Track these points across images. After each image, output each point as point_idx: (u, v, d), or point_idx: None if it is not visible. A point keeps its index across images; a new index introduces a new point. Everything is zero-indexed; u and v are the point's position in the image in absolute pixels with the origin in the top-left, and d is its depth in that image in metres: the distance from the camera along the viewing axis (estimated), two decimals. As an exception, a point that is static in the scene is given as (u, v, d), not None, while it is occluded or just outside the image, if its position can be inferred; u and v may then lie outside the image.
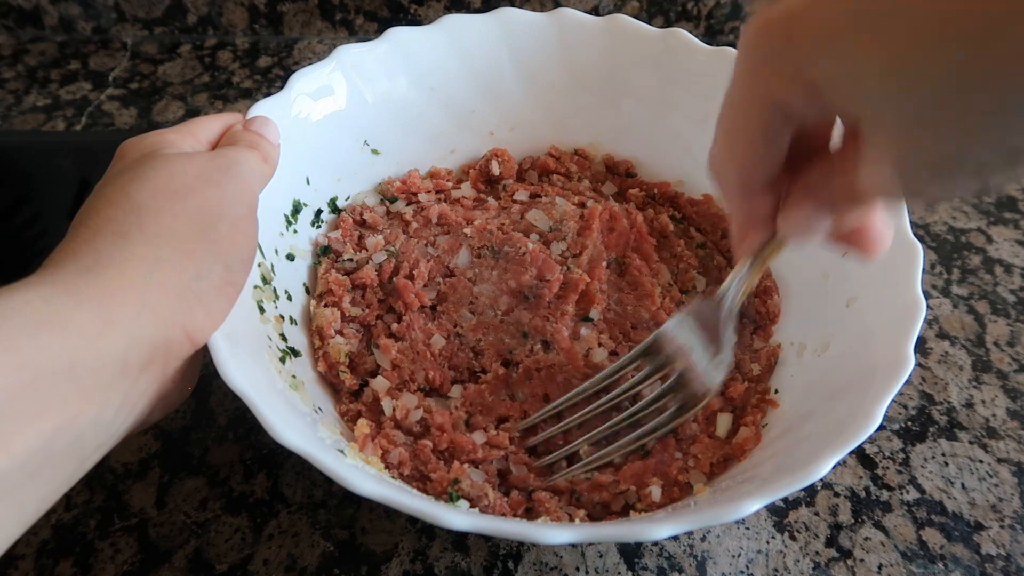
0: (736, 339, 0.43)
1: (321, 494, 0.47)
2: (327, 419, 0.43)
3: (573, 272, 0.50)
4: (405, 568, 0.44)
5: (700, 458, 0.43)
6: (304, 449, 0.34)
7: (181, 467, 0.48)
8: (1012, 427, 0.51)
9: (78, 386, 0.29)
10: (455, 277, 0.51)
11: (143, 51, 0.81)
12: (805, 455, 0.36)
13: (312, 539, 0.45)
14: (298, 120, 0.49)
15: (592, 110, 0.58)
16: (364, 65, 0.52)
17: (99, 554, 0.44)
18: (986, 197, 0.66)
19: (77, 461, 0.31)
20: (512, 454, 0.44)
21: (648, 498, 0.42)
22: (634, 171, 0.59)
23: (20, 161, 0.68)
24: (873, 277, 0.44)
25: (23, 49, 0.81)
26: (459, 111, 0.58)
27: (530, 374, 0.47)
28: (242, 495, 0.47)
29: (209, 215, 0.36)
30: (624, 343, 0.49)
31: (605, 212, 0.53)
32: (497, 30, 0.55)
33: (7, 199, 0.63)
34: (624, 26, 0.55)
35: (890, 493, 0.48)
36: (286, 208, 0.50)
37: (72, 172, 0.66)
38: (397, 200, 0.56)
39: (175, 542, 0.45)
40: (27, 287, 0.30)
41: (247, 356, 0.38)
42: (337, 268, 0.51)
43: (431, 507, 0.34)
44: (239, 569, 0.44)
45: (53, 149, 0.69)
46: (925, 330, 0.56)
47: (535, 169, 0.59)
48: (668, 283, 0.52)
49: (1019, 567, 0.45)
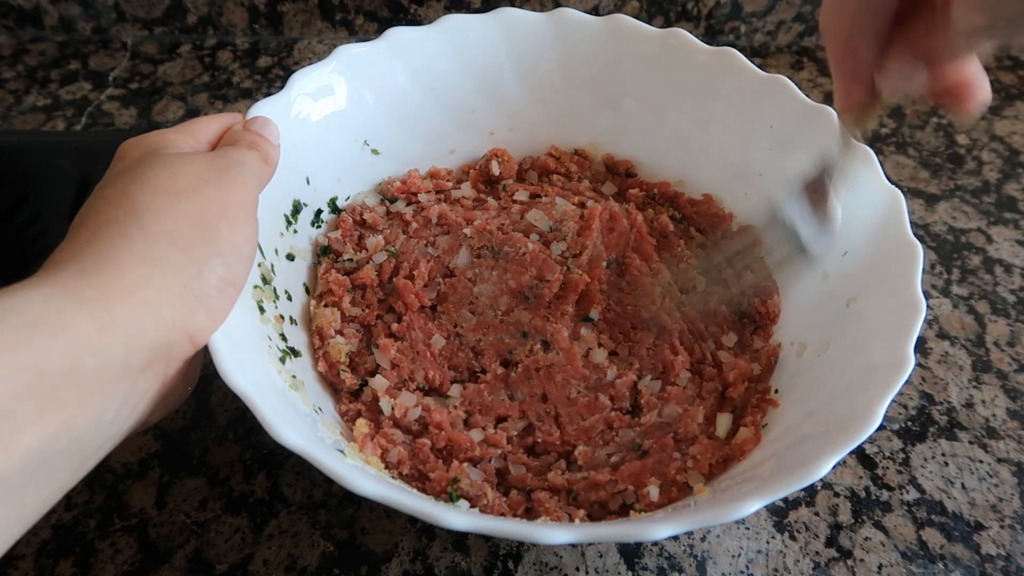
0: (840, 207, 0.44)
1: (321, 494, 0.47)
2: (327, 419, 0.43)
3: (573, 272, 0.50)
4: (405, 568, 0.44)
5: (699, 459, 0.43)
6: (304, 449, 0.34)
7: (181, 467, 0.48)
8: (1012, 427, 0.51)
9: (79, 387, 0.29)
10: (455, 277, 0.51)
11: (143, 51, 0.81)
12: (805, 455, 0.36)
13: (312, 539, 0.45)
14: (298, 120, 0.49)
15: (592, 110, 0.58)
16: (364, 65, 0.52)
17: (99, 554, 0.44)
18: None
19: (78, 462, 0.31)
20: (510, 454, 0.44)
21: (646, 498, 0.42)
22: (634, 171, 0.59)
23: (20, 161, 0.68)
24: (873, 277, 0.44)
25: (23, 49, 0.81)
26: (459, 111, 0.58)
27: (529, 374, 0.47)
28: (242, 495, 0.47)
29: (209, 215, 0.36)
30: (624, 343, 0.49)
31: (605, 212, 0.53)
32: (497, 30, 0.55)
33: (7, 199, 0.63)
34: (624, 26, 0.55)
35: (890, 493, 0.48)
36: (286, 208, 0.50)
37: (72, 172, 0.66)
38: (397, 200, 0.56)
39: (175, 542, 0.45)
40: (27, 288, 0.30)
41: (247, 356, 0.38)
42: (337, 268, 0.51)
43: (431, 507, 0.34)
44: (239, 569, 0.44)
45: (53, 149, 0.69)
46: (925, 330, 0.57)
47: (535, 169, 0.59)
48: (668, 283, 0.52)
49: (1019, 567, 0.45)
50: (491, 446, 0.44)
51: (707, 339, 0.50)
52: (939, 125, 0.74)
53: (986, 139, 0.72)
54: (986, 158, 0.70)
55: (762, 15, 0.80)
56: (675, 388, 0.47)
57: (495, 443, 0.44)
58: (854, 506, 0.47)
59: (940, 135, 0.73)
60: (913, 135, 0.73)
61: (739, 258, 0.52)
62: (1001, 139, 0.72)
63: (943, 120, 0.74)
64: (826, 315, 0.46)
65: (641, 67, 0.55)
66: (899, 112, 0.75)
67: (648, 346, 0.49)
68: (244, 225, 0.38)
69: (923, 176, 0.69)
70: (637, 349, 0.49)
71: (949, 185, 0.68)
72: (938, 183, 0.68)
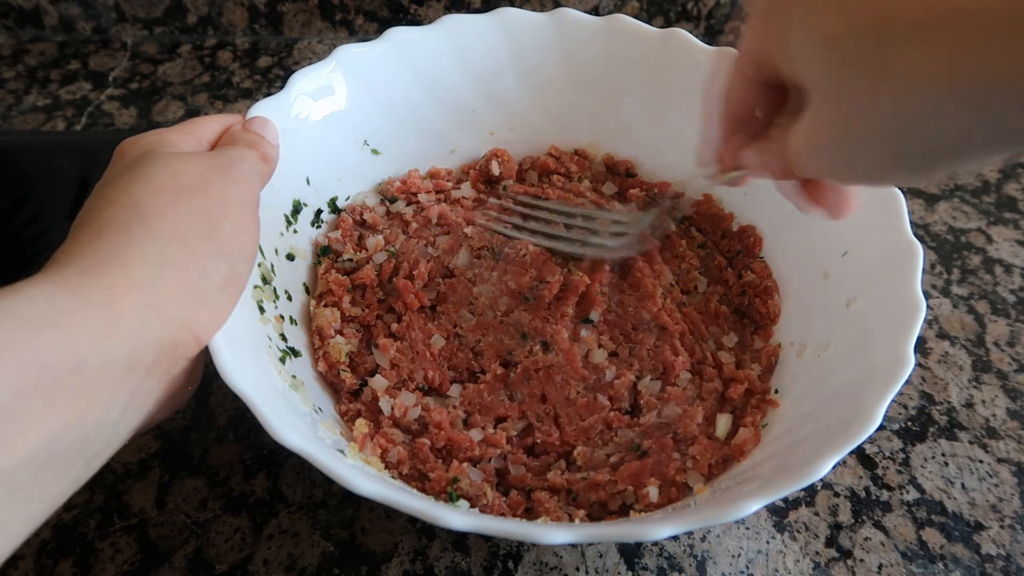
0: (653, 219, 0.52)
1: (321, 494, 0.47)
2: (327, 419, 0.43)
3: (574, 274, 0.50)
4: (405, 568, 0.44)
5: (699, 459, 0.43)
6: (304, 449, 0.34)
7: (181, 467, 0.48)
8: (1012, 427, 0.51)
9: (84, 385, 0.29)
10: (455, 278, 0.51)
11: (143, 51, 0.81)
12: (805, 455, 0.36)
13: (312, 539, 0.45)
14: (298, 120, 0.49)
15: (592, 110, 0.58)
16: (364, 65, 0.52)
17: (99, 554, 0.44)
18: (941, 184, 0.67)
19: (83, 461, 0.31)
20: (510, 454, 0.44)
21: (646, 498, 0.42)
22: (634, 171, 0.59)
23: (20, 161, 0.68)
24: (873, 277, 0.44)
25: (23, 49, 0.81)
26: (459, 111, 0.58)
27: (528, 374, 0.47)
28: (242, 495, 0.47)
29: (213, 214, 0.36)
30: (624, 344, 0.49)
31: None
32: (497, 30, 0.55)
33: (7, 199, 0.63)
34: (624, 26, 0.55)
35: (890, 493, 0.48)
36: (286, 208, 0.50)
37: (72, 172, 0.66)
38: (397, 200, 0.56)
39: (175, 542, 0.45)
40: (31, 286, 0.30)
41: (247, 356, 0.38)
42: (337, 268, 0.51)
43: (431, 507, 0.34)
44: (239, 569, 0.44)
45: (53, 149, 0.69)
46: (925, 330, 0.56)
47: (535, 169, 0.59)
48: (670, 284, 0.52)
49: (1019, 567, 0.45)
50: (491, 446, 0.44)
51: (707, 339, 0.50)
52: (939, 125, 0.74)
53: (986, 139, 0.72)
54: (986, 158, 0.70)
55: (762, 15, 0.80)
56: (675, 388, 0.47)
57: (495, 443, 0.44)
58: (854, 506, 0.47)
59: (940, 135, 0.73)
60: (913, 135, 0.73)
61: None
62: (1001, 139, 0.72)
63: (943, 120, 0.74)
64: (826, 315, 0.46)
65: (641, 67, 0.55)
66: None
67: (649, 347, 0.49)
68: (247, 223, 0.38)
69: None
70: (637, 350, 0.49)
71: (949, 185, 0.68)
72: (938, 183, 0.68)
